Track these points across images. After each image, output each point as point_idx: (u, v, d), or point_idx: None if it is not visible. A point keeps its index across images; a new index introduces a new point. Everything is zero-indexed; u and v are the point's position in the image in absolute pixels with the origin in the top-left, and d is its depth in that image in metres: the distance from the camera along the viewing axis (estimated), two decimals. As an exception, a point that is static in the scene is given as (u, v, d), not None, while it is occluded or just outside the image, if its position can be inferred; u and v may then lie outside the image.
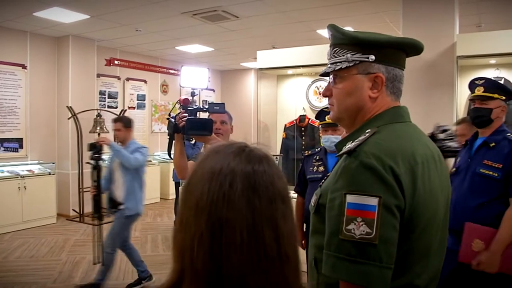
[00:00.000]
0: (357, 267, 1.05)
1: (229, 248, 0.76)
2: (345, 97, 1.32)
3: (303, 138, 6.06)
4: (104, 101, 8.96)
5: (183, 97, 2.66)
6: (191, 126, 2.52)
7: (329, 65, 1.35)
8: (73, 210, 7.88)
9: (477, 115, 2.83)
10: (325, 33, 7.27)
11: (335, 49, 1.34)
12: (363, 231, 1.05)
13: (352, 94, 1.30)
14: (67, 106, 7.75)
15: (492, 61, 4.94)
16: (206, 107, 2.69)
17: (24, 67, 7.62)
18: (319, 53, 5.61)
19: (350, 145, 1.18)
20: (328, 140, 3.52)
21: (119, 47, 9.18)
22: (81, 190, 7.72)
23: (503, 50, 4.36)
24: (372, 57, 1.27)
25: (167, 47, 9.17)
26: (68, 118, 7.75)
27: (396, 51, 1.31)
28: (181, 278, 0.80)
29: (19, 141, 7.57)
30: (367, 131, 1.23)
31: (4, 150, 7.34)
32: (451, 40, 4.57)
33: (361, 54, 1.28)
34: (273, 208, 0.80)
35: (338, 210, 1.10)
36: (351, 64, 1.29)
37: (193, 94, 2.70)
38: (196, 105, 2.66)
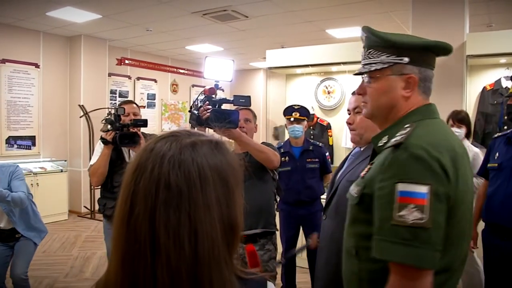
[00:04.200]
0: (411, 250, 1.12)
1: (117, 218, 0.79)
2: (379, 96, 1.40)
3: (312, 136, 6.08)
4: (115, 100, 9.05)
5: (208, 86, 2.55)
6: (216, 118, 2.39)
7: (364, 66, 1.43)
8: (85, 207, 7.97)
9: (510, 111, 2.94)
10: (333, 32, 7.31)
11: (369, 50, 1.41)
12: (416, 217, 1.12)
13: (386, 94, 1.39)
14: (79, 105, 7.85)
15: (502, 60, 4.91)
16: (231, 99, 2.58)
17: (37, 66, 7.72)
18: (328, 52, 5.64)
19: (396, 139, 1.25)
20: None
21: (130, 46, 9.26)
22: (92, 187, 7.80)
23: (513, 50, 4.35)
24: (406, 59, 1.34)
25: (177, 47, 9.24)
26: (80, 117, 7.84)
27: (428, 53, 1.38)
28: None
29: (32, 138, 7.68)
30: (405, 126, 1.31)
31: (17, 148, 7.46)
32: (461, 40, 4.57)
33: (395, 56, 1.35)
34: (151, 192, 0.76)
35: (389, 198, 1.17)
36: (385, 66, 1.36)
37: (216, 87, 2.58)
38: (219, 97, 2.54)
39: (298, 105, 4.09)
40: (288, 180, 3.96)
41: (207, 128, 2.48)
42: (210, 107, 2.45)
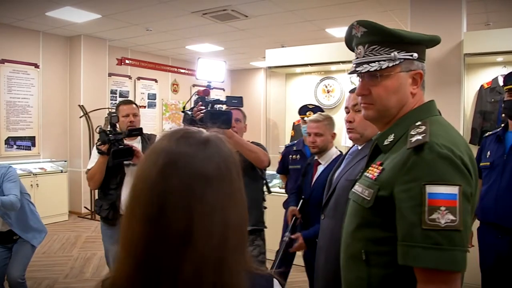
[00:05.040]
0: (446, 254, 1.08)
1: (141, 221, 0.78)
2: (390, 95, 1.34)
3: (311, 136, 6.08)
4: (116, 100, 9.05)
5: (202, 88, 2.60)
6: (210, 118, 2.44)
7: (368, 63, 1.35)
8: (85, 207, 7.98)
9: (507, 107, 2.91)
10: (333, 31, 7.29)
11: (373, 47, 1.35)
12: (448, 219, 1.09)
13: (397, 92, 1.33)
14: (79, 105, 7.86)
15: (499, 58, 4.92)
16: (224, 100, 2.64)
17: (36, 66, 7.73)
18: (327, 51, 5.64)
19: (418, 138, 1.19)
20: None
21: (130, 46, 9.27)
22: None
23: (510, 48, 4.35)
24: (415, 55, 1.32)
25: (178, 47, 9.24)
26: (80, 117, 7.85)
27: (425, 47, 1.38)
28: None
29: (32, 139, 7.69)
30: (417, 123, 1.27)
31: (17, 148, 7.47)
32: (459, 38, 4.56)
33: (405, 52, 1.32)
34: (189, 188, 0.78)
35: (417, 201, 1.12)
36: (397, 62, 1.31)
37: (209, 87, 2.64)
38: (213, 98, 2.60)
39: (313, 105, 4.13)
40: (297, 178, 3.97)
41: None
42: (203, 107, 2.52)
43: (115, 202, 3.24)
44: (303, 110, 4.10)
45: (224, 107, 2.79)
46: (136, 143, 3.36)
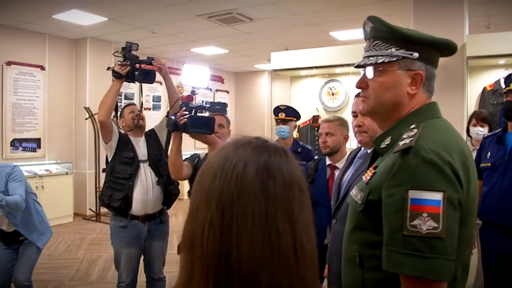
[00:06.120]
0: (426, 262, 1.05)
1: (240, 233, 0.70)
2: (384, 91, 1.32)
3: (316, 138, 6.10)
4: (121, 102, 9.05)
5: (185, 94, 2.66)
6: (193, 124, 2.50)
7: (368, 57, 1.35)
8: (90, 209, 8.01)
9: (509, 108, 2.92)
10: (337, 34, 7.31)
11: (375, 42, 1.34)
12: (430, 226, 1.06)
13: (391, 89, 1.31)
14: (85, 107, 7.88)
15: (502, 61, 4.95)
16: (208, 105, 2.68)
17: (42, 68, 7.79)
18: (331, 54, 5.67)
19: (405, 142, 1.17)
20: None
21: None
22: (97, 189, 7.80)
23: (512, 51, 4.38)
24: (416, 54, 1.28)
25: (183, 49, 9.26)
26: (86, 119, 7.87)
27: (434, 51, 1.33)
28: (192, 270, 0.74)
29: (37, 141, 7.74)
30: (411, 126, 1.24)
31: (22, 150, 7.51)
32: (461, 41, 4.58)
33: (405, 50, 1.29)
34: (288, 194, 0.74)
35: (400, 206, 1.10)
36: (394, 59, 1.29)
37: (193, 93, 2.70)
38: (197, 103, 2.65)
39: (285, 105, 4.09)
40: None
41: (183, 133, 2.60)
42: (186, 113, 2.56)
43: (128, 194, 3.18)
44: (276, 112, 4.09)
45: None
46: (141, 141, 3.42)
